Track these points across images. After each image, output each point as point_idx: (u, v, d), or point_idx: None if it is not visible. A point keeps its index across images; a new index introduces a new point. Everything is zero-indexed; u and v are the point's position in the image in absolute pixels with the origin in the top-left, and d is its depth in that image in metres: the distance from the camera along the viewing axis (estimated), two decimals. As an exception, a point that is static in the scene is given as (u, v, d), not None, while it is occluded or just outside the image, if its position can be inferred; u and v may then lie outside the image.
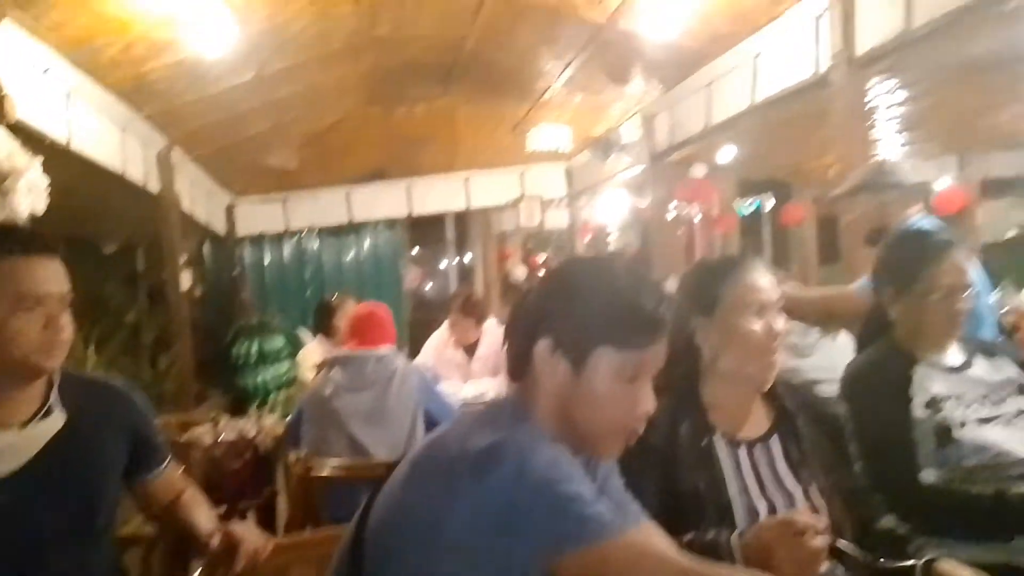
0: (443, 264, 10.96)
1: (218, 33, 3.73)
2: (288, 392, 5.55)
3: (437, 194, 7.67)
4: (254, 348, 6.24)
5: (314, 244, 7.87)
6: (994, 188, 7.68)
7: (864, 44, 3.49)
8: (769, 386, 1.55)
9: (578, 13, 4.44)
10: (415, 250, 10.58)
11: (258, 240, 7.63)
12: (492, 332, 3.92)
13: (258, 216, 7.47)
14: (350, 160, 7.19)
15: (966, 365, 1.87)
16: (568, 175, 7.86)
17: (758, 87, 4.41)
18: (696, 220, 8.28)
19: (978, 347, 1.92)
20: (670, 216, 7.57)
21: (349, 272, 8.07)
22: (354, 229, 7.89)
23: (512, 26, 4.86)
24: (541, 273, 10.21)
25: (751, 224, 8.27)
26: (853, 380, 1.91)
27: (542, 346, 1.12)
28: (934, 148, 6.18)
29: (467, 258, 10.65)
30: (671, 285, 3.76)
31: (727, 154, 6.22)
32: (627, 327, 1.11)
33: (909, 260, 1.87)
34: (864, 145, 4.20)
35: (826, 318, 2.82)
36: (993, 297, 6.57)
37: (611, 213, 8.06)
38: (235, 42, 3.81)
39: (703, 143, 5.44)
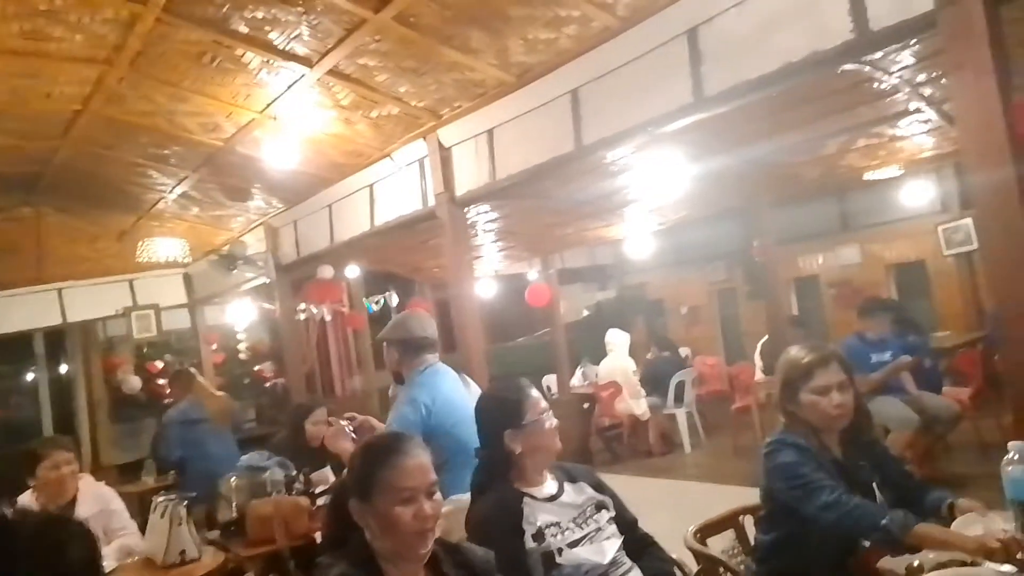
0: (31, 381, 9.27)
1: None
2: None
3: (23, 309, 6.53)
4: None
5: None
6: (567, 276, 9.35)
7: (461, 188, 4.08)
8: (428, 556, 1.67)
9: (191, 136, 4.31)
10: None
11: None
12: (90, 491, 3.30)
13: None
14: None
15: (560, 493, 2.27)
16: (187, 282, 7.37)
17: (376, 212, 4.78)
18: (327, 318, 8.49)
19: (564, 475, 2.34)
20: (301, 316, 7.62)
21: None
22: None
23: (114, 142, 4.49)
24: (161, 381, 9.32)
25: (381, 318, 8.69)
26: (478, 521, 2.17)
27: None
28: (522, 252, 7.32)
29: (63, 371, 9.20)
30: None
31: (354, 260, 6.52)
32: None
33: (504, 412, 2.22)
34: (468, 251, 4.86)
35: None
36: (578, 372, 7.99)
37: (239, 317, 7.75)
38: None
39: (329, 256, 5.63)
